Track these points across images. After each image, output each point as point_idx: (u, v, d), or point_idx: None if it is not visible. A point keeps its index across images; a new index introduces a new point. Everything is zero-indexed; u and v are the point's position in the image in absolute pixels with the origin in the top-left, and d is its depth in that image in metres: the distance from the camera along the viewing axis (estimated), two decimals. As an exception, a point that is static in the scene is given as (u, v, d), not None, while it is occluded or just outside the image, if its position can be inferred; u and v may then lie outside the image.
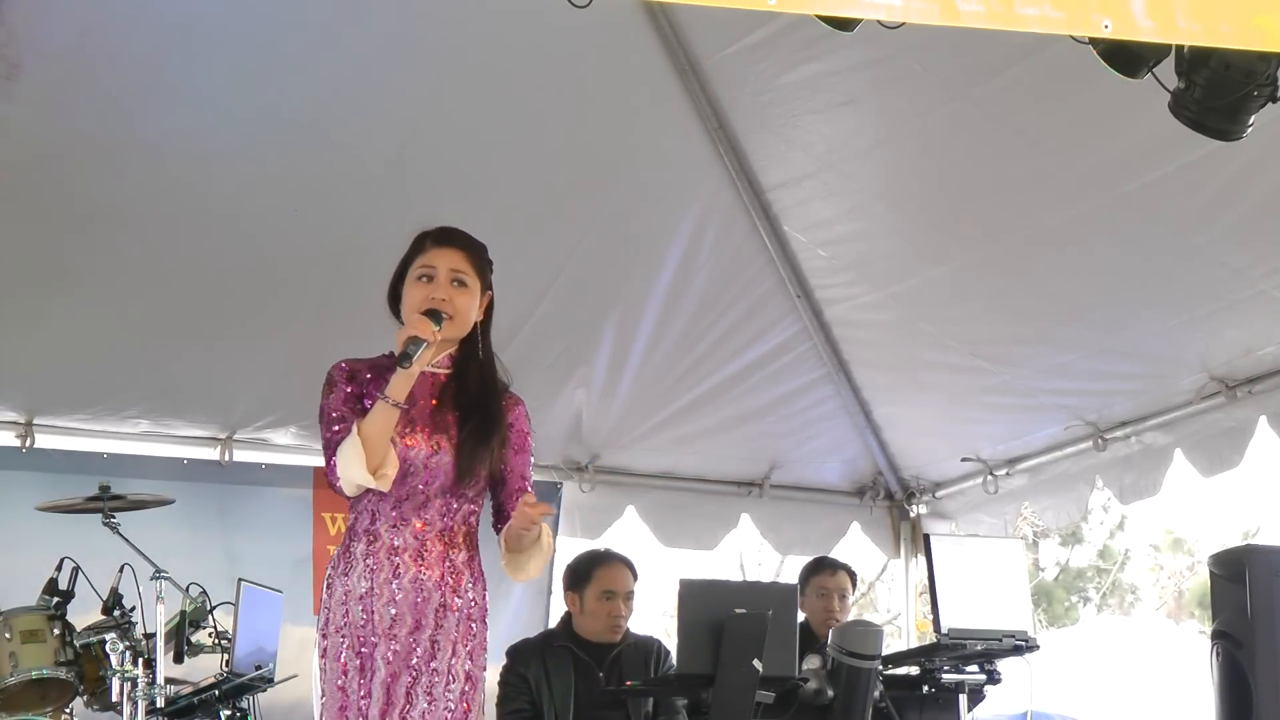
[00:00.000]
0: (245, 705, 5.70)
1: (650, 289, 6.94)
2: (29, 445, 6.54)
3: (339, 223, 6.16)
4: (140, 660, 5.26)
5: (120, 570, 5.43)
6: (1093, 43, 3.98)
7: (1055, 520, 7.78)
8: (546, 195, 6.39)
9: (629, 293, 6.96)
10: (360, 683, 3.67)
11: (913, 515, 8.14)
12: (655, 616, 15.57)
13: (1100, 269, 6.30)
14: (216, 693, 5.53)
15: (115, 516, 5.54)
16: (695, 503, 7.80)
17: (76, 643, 5.42)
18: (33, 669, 5.30)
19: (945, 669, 5.73)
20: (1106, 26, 2.73)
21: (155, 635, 5.30)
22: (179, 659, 5.50)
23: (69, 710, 5.45)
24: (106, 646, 5.35)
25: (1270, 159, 5.33)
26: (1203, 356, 6.51)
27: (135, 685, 5.21)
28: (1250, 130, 4.16)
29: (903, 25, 3.18)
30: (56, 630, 5.39)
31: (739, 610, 5.05)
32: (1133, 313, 6.46)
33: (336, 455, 3.65)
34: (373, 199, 6.06)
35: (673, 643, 5.33)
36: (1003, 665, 5.81)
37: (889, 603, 18.08)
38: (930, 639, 5.90)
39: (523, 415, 3.88)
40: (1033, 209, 6.19)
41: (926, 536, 6.20)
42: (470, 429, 3.74)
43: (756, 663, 4.98)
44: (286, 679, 5.72)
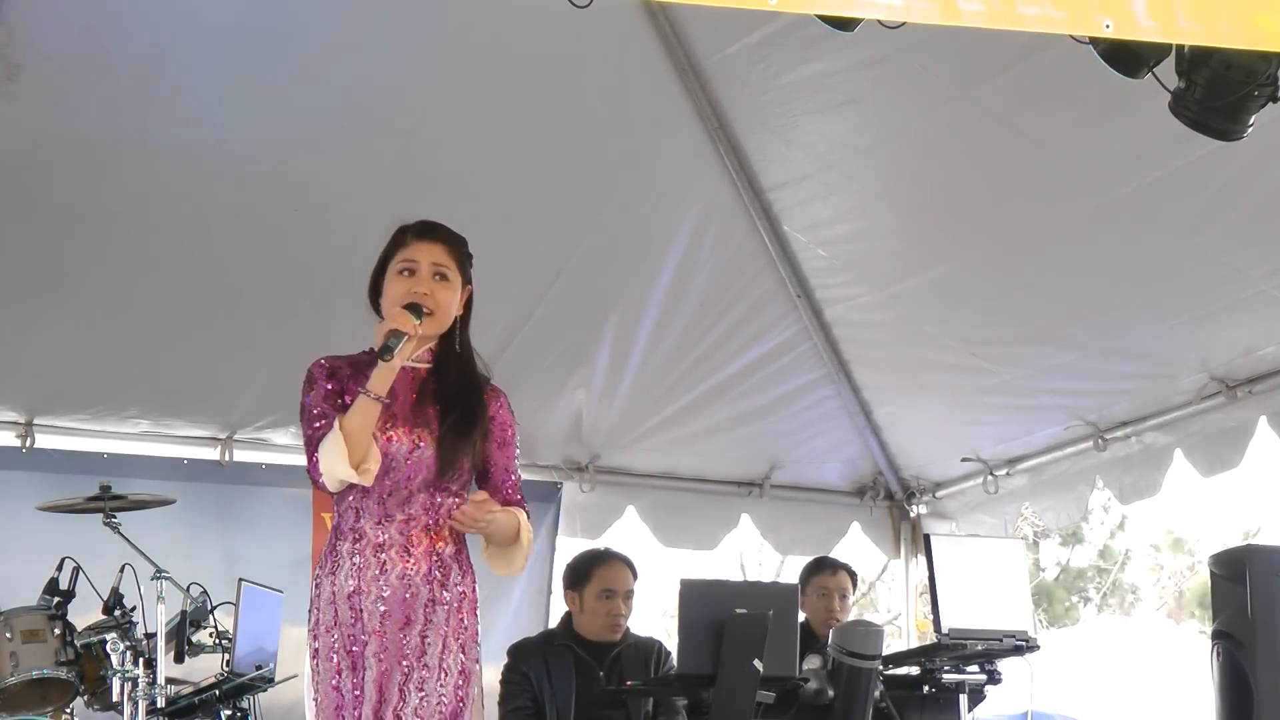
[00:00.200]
0: (246, 705, 5.69)
1: (650, 289, 6.93)
2: (29, 445, 6.55)
3: (339, 223, 6.14)
4: (141, 660, 5.25)
5: (121, 570, 5.43)
6: (1093, 42, 3.99)
7: (1055, 520, 7.78)
8: (546, 195, 6.38)
9: (629, 293, 6.95)
10: (353, 681, 3.67)
11: (913, 515, 8.14)
12: (655, 616, 15.55)
13: (1100, 269, 6.29)
14: (217, 693, 5.52)
15: (116, 516, 5.54)
16: (695, 503, 7.80)
17: (77, 642, 5.41)
18: (33, 669, 5.30)
19: (945, 669, 5.72)
20: (1108, 26, 2.73)
21: (156, 635, 5.30)
22: (179, 659, 5.49)
23: (69, 710, 5.45)
24: (107, 646, 5.34)
25: (1270, 159, 5.33)
26: (1203, 356, 6.51)
27: (136, 685, 5.20)
28: (1251, 130, 4.16)
29: (903, 25, 3.19)
30: (57, 630, 5.39)
31: (739, 610, 5.05)
32: (1133, 313, 6.46)
33: (319, 451, 3.68)
34: (373, 199, 6.04)
35: (673, 643, 5.33)
36: (1003, 665, 5.81)
37: (889, 603, 18.08)
38: (930, 639, 5.89)
39: (505, 407, 3.87)
40: (1033, 209, 6.18)
41: (927, 536, 6.20)
42: (451, 423, 3.74)
43: (757, 663, 4.98)
44: (287, 679, 5.70)
